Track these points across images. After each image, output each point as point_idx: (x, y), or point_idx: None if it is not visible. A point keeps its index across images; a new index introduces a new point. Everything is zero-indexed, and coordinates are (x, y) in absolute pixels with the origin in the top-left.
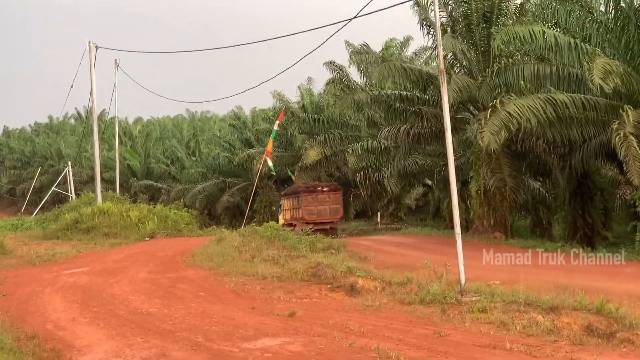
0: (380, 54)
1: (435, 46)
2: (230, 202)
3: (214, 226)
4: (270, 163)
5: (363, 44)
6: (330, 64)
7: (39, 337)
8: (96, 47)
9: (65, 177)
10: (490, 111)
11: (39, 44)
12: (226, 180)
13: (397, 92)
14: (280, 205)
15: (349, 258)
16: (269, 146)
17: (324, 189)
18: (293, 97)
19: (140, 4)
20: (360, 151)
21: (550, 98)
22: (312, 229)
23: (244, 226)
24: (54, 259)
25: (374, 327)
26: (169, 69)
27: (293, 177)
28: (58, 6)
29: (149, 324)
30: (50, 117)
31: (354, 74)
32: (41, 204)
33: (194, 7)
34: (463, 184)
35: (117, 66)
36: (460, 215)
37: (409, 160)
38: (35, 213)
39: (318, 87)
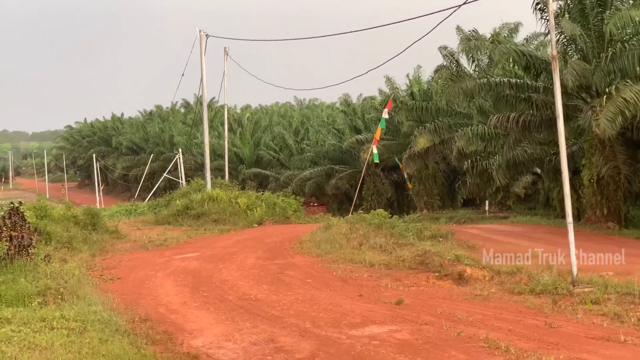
0: (490, 39)
1: (549, 31)
2: (338, 189)
3: (321, 213)
4: (375, 151)
5: (472, 30)
6: (444, 49)
7: (152, 320)
8: (207, 35)
9: (175, 164)
10: (606, 97)
11: (141, 38)
12: (334, 167)
13: (506, 79)
14: None
15: (456, 246)
16: (377, 134)
17: (315, 204)
18: (401, 84)
19: None
20: (470, 135)
21: None
22: None
23: (352, 213)
24: (166, 244)
25: (482, 316)
26: (278, 58)
27: (400, 165)
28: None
29: (258, 309)
30: (158, 107)
31: (464, 62)
32: (153, 190)
33: None
34: (574, 172)
35: (227, 54)
36: (572, 205)
37: (518, 149)
38: (147, 199)
39: (426, 75)
